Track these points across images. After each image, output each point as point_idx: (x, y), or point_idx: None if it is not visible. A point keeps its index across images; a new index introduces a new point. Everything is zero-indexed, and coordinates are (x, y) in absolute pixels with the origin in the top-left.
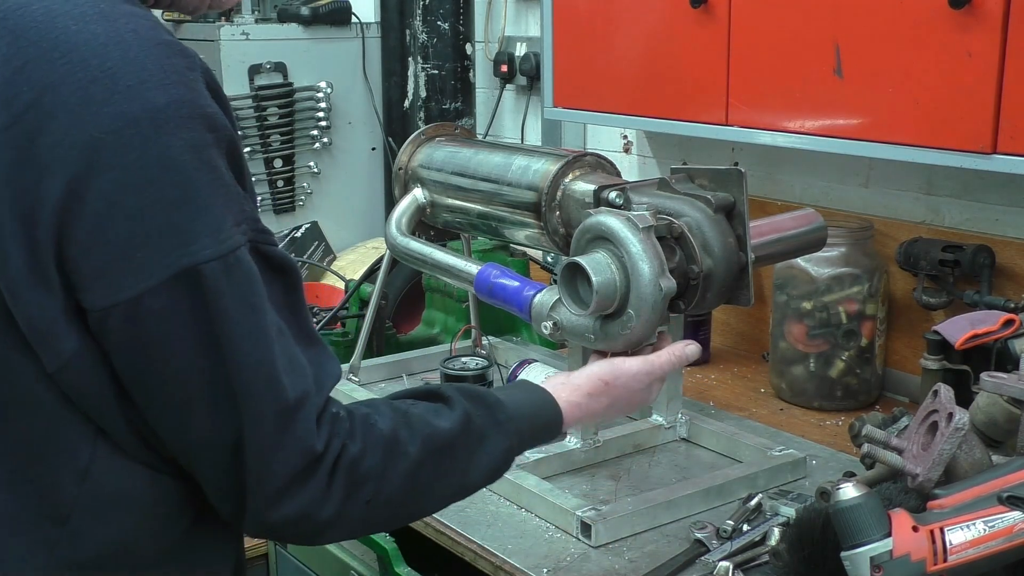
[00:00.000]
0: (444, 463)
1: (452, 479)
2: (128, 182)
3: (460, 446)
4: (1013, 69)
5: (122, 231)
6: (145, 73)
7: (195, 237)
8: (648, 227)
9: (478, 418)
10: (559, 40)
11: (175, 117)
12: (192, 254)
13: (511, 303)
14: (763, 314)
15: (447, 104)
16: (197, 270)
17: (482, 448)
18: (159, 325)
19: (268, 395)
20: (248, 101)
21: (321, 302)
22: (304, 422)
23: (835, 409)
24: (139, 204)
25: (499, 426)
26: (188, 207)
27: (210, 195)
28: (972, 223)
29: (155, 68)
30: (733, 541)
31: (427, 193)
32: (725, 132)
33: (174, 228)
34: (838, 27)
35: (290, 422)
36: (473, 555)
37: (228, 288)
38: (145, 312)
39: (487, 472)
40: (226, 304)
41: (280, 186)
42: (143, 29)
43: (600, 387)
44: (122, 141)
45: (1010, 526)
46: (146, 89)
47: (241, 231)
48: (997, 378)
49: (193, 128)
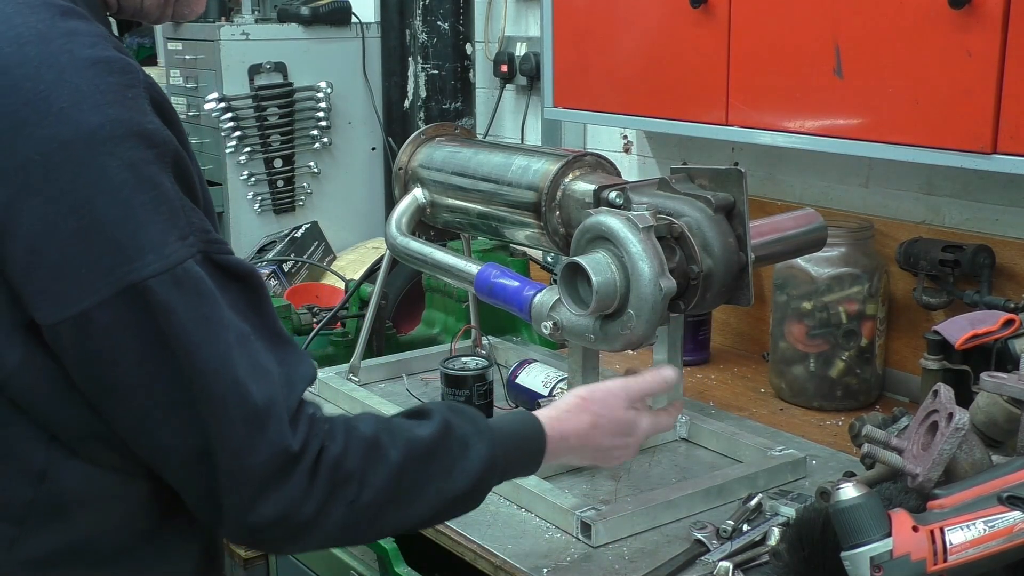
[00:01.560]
0: (426, 468)
1: (435, 485)
2: (63, 204)
3: (442, 451)
4: (1013, 69)
5: (61, 251)
6: (78, 95)
7: (139, 253)
8: (648, 227)
9: (459, 427)
10: (559, 40)
11: (110, 137)
12: (137, 271)
13: (511, 303)
14: (763, 314)
15: (447, 104)
16: (144, 286)
17: (464, 455)
18: (110, 340)
19: (232, 401)
20: (248, 101)
21: (321, 302)
22: (276, 423)
23: (835, 409)
24: (77, 225)
25: (480, 434)
26: (128, 225)
27: (151, 212)
28: (972, 223)
29: (89, 89)
30: (733, 541)
31: (427, 193)
32: (725, 132)
33: (116, 246)
34: (838, 27)
35: (260, 425)
36: (473, 555)
37: (178, 300)
38: (95, 327)
39: (471, 480)
40: (178, 316)
41: (280, 186)
42: (79, 48)
43: (577, 402)
44: (54, 163)
45: (1010, 526)
46: (79, 111)
47: (189, 244)
48: (997, 378)
49: (130, 147)
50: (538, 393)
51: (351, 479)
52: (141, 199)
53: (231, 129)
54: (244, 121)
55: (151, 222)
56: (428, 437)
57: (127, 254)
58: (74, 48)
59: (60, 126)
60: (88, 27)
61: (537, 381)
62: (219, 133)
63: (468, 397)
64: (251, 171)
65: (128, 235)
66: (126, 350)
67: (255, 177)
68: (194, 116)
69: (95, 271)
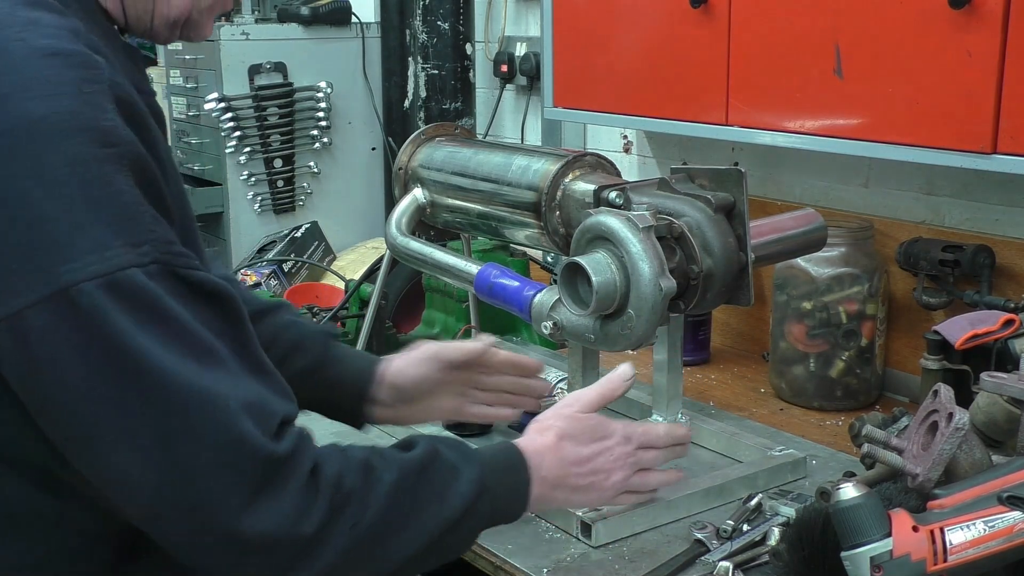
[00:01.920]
0: (421, 490)
1: (431, 509)
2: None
3: (434, 473)
4: (1013, 69)
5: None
6: (24, 82)
7: (76, 254)
8: (648, 227)
9: (446, 451)
10: (559, 40)
11: (55, 129)
12: (71, 272)
13: (511, 303)
14: (763, 314)
15: (447, 104)
16: (78, 289)
17: (455, 478)
18: (47, 347)
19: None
20: (248, 101)
21: (321, 302)
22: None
23: (835, 409)
24: (9, 217)
25: (466, 457)
26: (66, 222)
27: (95, 211)
28: (972, 223)
29: (38, 79)
30: (733, 541)
31: (427, 193)
32: (725, 132)
33: (52, 244)
34: (838, 27)
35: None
36: (473, 555)
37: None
38: (29, 330)
39: (463, 503)
40: (118, 327)
41: (280, 186)
42: (36, 38)
43: (548, 417)
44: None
45: (1010, 526)
46: (23, 100)
47: (141, 252)
48: (997, 378)
49: (78, 142)
50: None
51: (352, 499)
52: (84, 196)
53: (231, 129)
54: (244, 121)
55: (93, 222)
56: (419, 459)
57: (63, 253)
58: (29, 37)
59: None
60: (54, 19)
61: None
62: (219, 133)
63: None
64: (251, 171)
65: (65, 233)
66: (66, 361)
67: (255, 177)
68: (194, 116)
69: (28, 269)
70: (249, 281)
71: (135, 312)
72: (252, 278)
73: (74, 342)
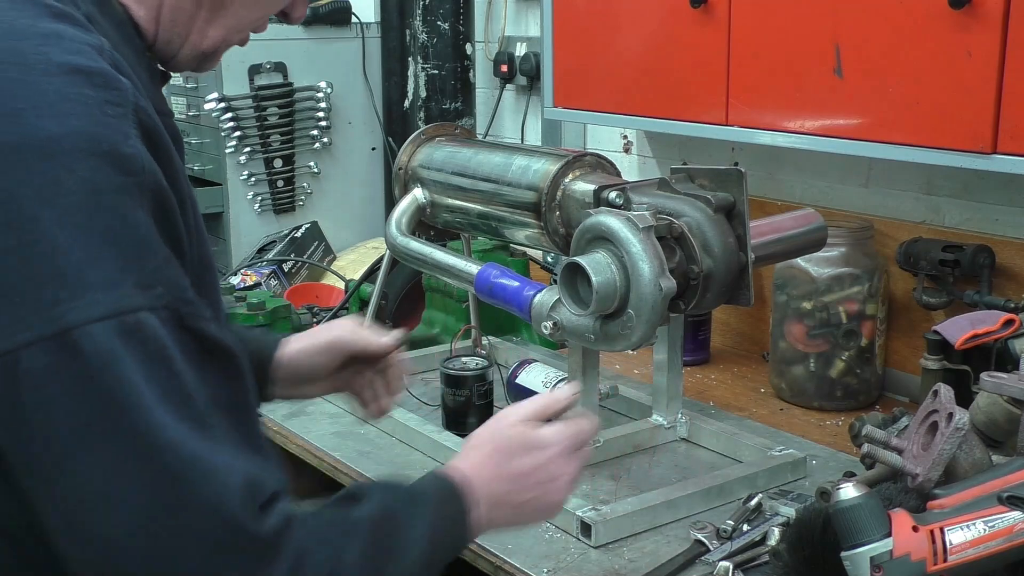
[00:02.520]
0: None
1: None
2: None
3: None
4: (1013, 69)
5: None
6: (40, 98)
7: (84, 290)
8: (648, 227)
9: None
10: (559, 40)
11: (71, 150)
12: (77, 310)
13: (511, 303)
14: (763, 314)
15: (447, 104)
16: (81, 331)
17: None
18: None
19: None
20: (248, 101)
21: (321, 302)
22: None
23: (835, 409)
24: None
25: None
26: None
27: (108, 245)
28: (972, 223)
29: (56, 95)
30: (733, 541)
31: (427, 193)
32: (725, 132)
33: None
34: (838, 27)
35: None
36: (473, 555)
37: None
38: (23, 372)
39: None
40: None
41: (280, 186)
42: (57, 52)
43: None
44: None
45: (1010, 526)
46: (37, 116)
47: (154, 295)
48: (997, 378)
49: (95, 166)
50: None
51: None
52: (98, 227)
53: (231, 129)
54: (244, 121)
55: (106, 257)
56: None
57: (70, 289)
58: (51, 51)
59: (10, 128)
60: (79, 34)
61: (537, 381)
62: (219, 133)
63: (468, 397)
64: (251, 171)
65: (73, 265)
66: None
67: (255, 177)
68: (194, 116)
69: (30, 302)
70: (249, 281)
71: (142, 361)
72: (252, 278)
73: (71, 390)
